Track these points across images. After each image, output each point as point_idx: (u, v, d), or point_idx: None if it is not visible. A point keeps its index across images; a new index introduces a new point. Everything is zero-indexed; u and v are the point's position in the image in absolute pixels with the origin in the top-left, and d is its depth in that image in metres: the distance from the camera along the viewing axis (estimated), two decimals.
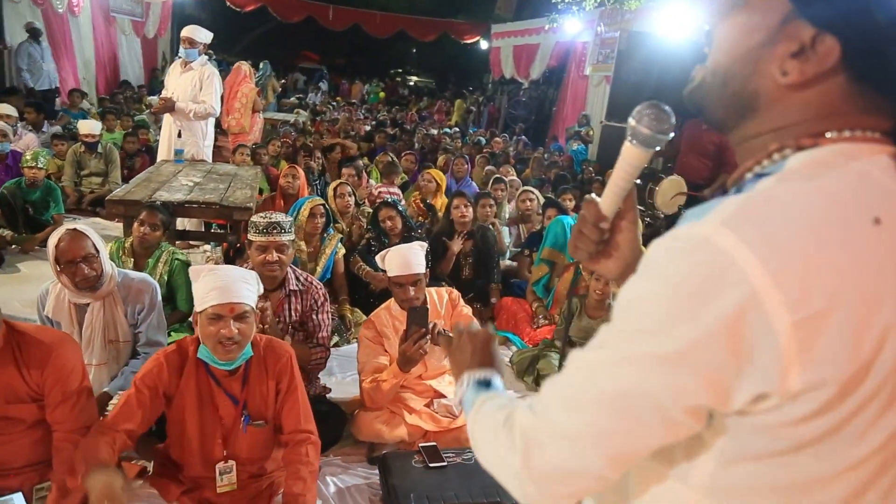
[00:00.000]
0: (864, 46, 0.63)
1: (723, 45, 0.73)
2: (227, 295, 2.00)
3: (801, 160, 0.66)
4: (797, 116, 0.68)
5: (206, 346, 2.06)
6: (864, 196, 0.61)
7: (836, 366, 0.58)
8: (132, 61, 13.98)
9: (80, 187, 6.25)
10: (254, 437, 2.19)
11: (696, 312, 0.59)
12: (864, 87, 0.65)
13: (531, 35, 14.15)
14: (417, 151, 8.92)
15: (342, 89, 21.92)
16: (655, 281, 0.63)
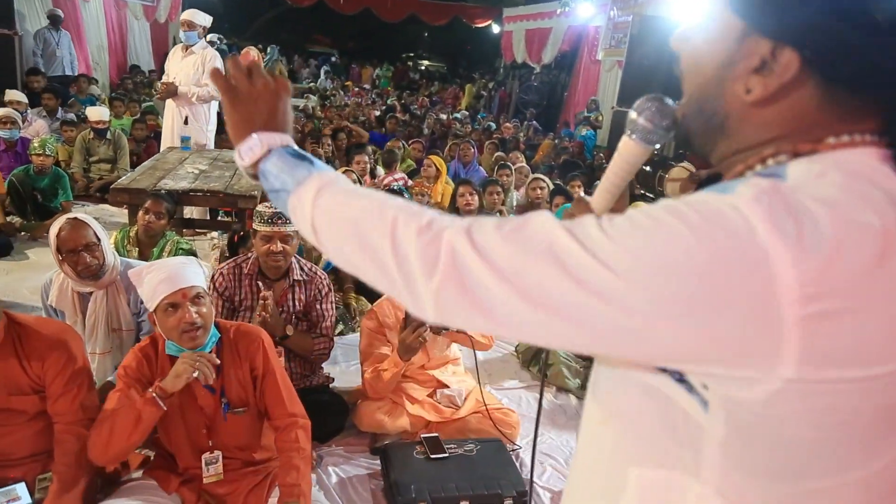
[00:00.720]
0: (822, 52, 0.61)
1: (689, 72, 0.72)
2: (176, 282, 1.98)
3: (803, 168, 0.62)
4: (776, 131, 0.66)
5: (171, 342, 2.03)
6: (877, 203, 0.58)
7: (839, 368, 0.56)
8: (143, 46, 13.99)
9: (88, 174, 6.27)
10: (237, 424, 2.17)
11: (703, 268, 0.55)
12: (835, 91, 0.63)
13: (543, 19, 14.00)
14: (426, 138, 8.88)
15: (352, 73, 21.83)
16: (673, 218, 0.57)
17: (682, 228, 0.56)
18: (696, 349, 0.58)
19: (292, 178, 0.79)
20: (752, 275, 0.54)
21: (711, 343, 0.57)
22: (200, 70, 5.36)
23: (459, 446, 2.63)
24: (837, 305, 0.54)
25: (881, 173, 0.60)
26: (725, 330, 0.56)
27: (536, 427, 1.29)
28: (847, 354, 0.55)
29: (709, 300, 0.55)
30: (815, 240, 0.54)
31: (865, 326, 0.55)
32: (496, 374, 3.61)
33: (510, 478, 2.51)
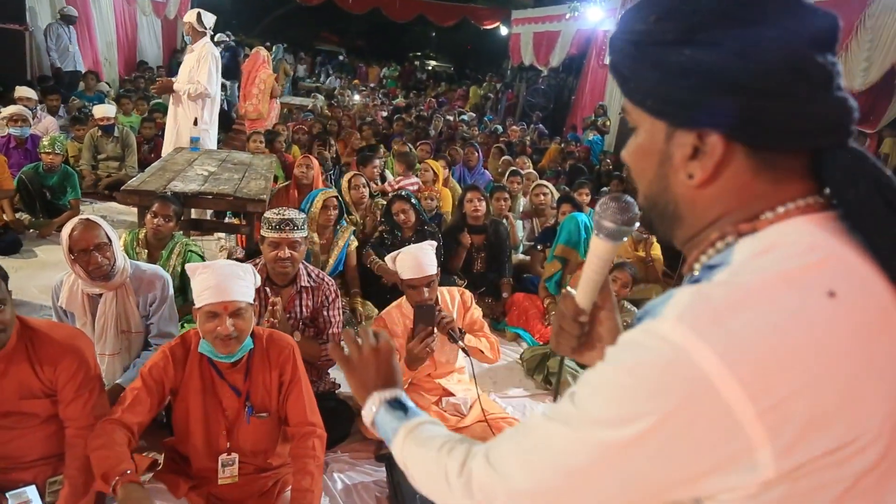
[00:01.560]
0: (738, 127, 0.67)
1: (637, 175, 0.79)
2: (221, 294, 2.05)
3: (747, 249, 0.67)
4: (721, 208, 0.71)
5: (205, 341, 2.11)
6: (814, 272, 0.62)
7: (811, 448, 0.58)
8: (151, 42, 14.03)
9: (96, 171, 6.30)
10: (257, 428, 2.21)
11: (652, 406, 0.60)
12: (763, 156, 0.68)
13: (552, 22, 13.99)
14: (434, 139, 8.89)
15: (360, 73, 21.84)
16: (616, 371, 0.64)
17: (625, 380, 0.63)
18: (686, 477, 0.63)
19: (391, 430, 0.97)
20: (701, 397, 0.58)
21: (696, 469, 0.61)
22: (196, 67, 5.42)
23: None
24: (783, 392, 0.57)
25: (813, 237, 0.65)
26: (699, 453, 0.60)
27: None
28: (812, 432, 0.58)
29: (675, 436, 0.60)
30: (744, 340, 0.58)
31: (816, 401, 0.58)
32: (501, 382, 3.62)
33: None
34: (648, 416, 0.61)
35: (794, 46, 0.64)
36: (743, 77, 0.64)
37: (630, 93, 0.75)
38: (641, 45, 0.71)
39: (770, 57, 0.64)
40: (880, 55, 5.75)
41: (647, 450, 0.62)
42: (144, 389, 2.08)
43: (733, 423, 0.58)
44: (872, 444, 0.60)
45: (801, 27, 0.65)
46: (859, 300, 0.61)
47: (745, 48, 0.64)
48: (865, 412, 0.59)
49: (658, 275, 4.98)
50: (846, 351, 0.59)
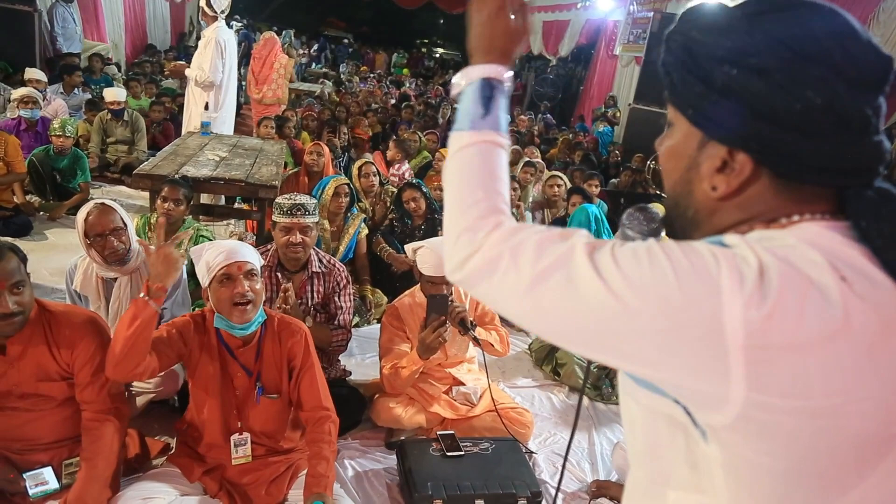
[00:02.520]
0: (769, 154, 0.70)
1: (665, 168, 0.83)
2: (235, 255, 2.09)
3: (762, 233, 0.72)
4: (738, 217, 0.75)
5: (220, 316, 2.11)
6: (829, 261, 0.65)
7: (782, 397, 0.62)
8: (159, 25, 13.97)
9: (105, 154, 6.30)
10: (267, 409, 2.23)
11: (677, 307, 0.64)
12: (787, 182, 0.71)
13: (562, 11, 13.90)
14: (441, 128, 8.85)
15: (367, 59, 21.74)
16: (662, 267, 0.66)
17: (671, 273, 0.65)
18: (662, 357, 0.67)
19: (466, 120, 0.86)
20: (708, 311, 0.63)
21: (676, 355, 0.65)
22: (203, 53, 5.44)
23: (475, 445, 2.65)
24: (776, 343, 0.61)
25: (828, 237, 0.68)
26: (688, 350, 0.64)
27: (572, 436, 1.32)
28: (788, 386, 0.62)
29: (676, 328, 0.64)
30: (766, 290, 0.62)
31: (804, 364, 0.62)
32: (510, 372, 3.64)
33: (524, 478, 2.53)
34: (671, 308, 0.64)
35: (838, 90, 0.65)
36: (781, 109, 0.67)
37: (674, 97, 0.77)
38: (693, 55, 0.73)
39: (811, 96, 0.65)
40: (892, 50, 5.71)
41: (637, 315, 0.65)
42: (165, 337, 2.09)
43: (723, 343, 0.62)
44: (846, 426, 0.64)
45: (851, 68, 0.66)
46: (867, 293, 0.64)
47: (789, 82, 0.66)
48: (854, 392, 0.63)
49: None
50: (850, 331, 0.62)
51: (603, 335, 0.69)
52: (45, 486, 2.04)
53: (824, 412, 0.63)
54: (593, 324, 0.68)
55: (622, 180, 6.90)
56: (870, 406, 0.63)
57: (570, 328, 0.71)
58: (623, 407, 0.85)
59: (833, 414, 0.63)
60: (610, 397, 3.45)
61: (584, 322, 0.69)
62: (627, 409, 0.83)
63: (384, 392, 2.86)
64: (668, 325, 0.64)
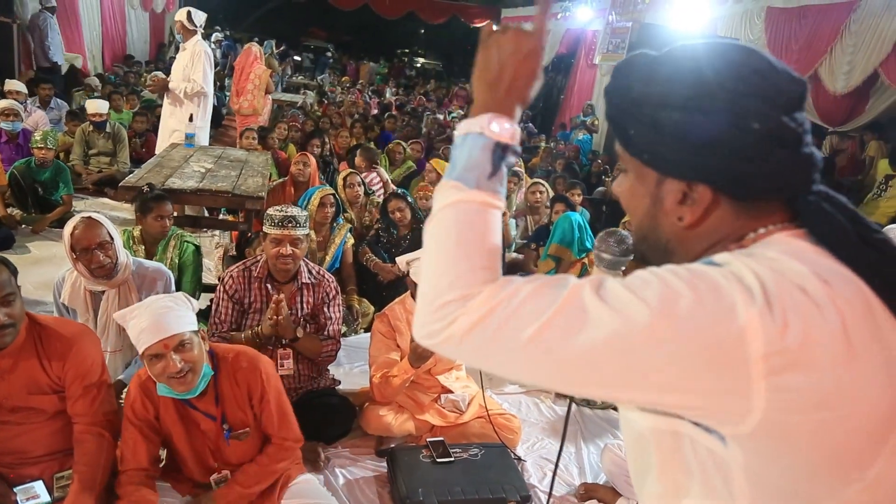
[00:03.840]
0: (724, 180, 0.76)
1: (628, 207, 0.87)
2: (158, 332, 1.93)
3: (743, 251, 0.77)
4: (709, 242, 0.80)
5: (161, 384, 2.03)
6: (806, 267, 0.71)
7: (803, 397, 0.66)
8: (139, 36, 13.92)
9: (87, 166, 6.27)
10: (239, 445, 2.21)
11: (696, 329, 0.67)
12: (745, 202, 0.78)
13: None
14: (424, 138, 8.91)
15: (349, 69, 21.78)
16: (677, 274, 0.70)
17: (689, 294, 0.68)
18: (687, 381, 0.68)
19: (465, 174, 0.80)
20: (729, 327, 0.66)
21: (700, 377, 0.67)
22: (190, 66, 5.44)
23: (464, 451, 2.69)
24: (791, 347, 0.65)
25: (797, 245, 0.74)
26: (713, 369, 0.67)
27: (563, 441, 1.35)
28: (806, 386, 0.66)
29: (702, 349, 0.66)
30: (772, 301, 0.66)
31: (817, 363, 0.66)
32: (497, 379, 3.66)
33: (514, 482, 2.57)
34: (691, 331, 0.66)
35: (771, 115, 0.73)
36: (729, 143, 0.73)
37: (626, 144, 0.82)
38: (638, 104, 0.78)
39: (752, 125, 0.73)
40: (863, 59, 5.87)
41: (664, 340, 0.66)
42: (138, 433, 2.08)
43: (746, 365, 0.65)
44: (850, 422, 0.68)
45: (778, 95, 0.74)
46: (846, 292, 0.70)
47: (731, 118, 0.73)
48: (861, 379, 0.68)
49: None
50: (846, 326, 0.67)
51: (623, 371, 0.68)
52: (37, 500, 2.04)
53: (839, 403, 0.67)
54: (613, 360, 0.67)
55: (608, 188, 6.99)
56: (875, 387, 0.68)
57: (586, 370, 0.69)
58: (625, 430, 0.88)
59: (846, 403, 0.67)
60: (596, 403, 3.50)
61: (601, 360, 0.68)
62: (630, 431, 0.86)
63: (374, 400, 2.89)
64: (695, 347, 0.66)
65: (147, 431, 2.10)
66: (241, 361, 2.19)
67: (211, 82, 5.57)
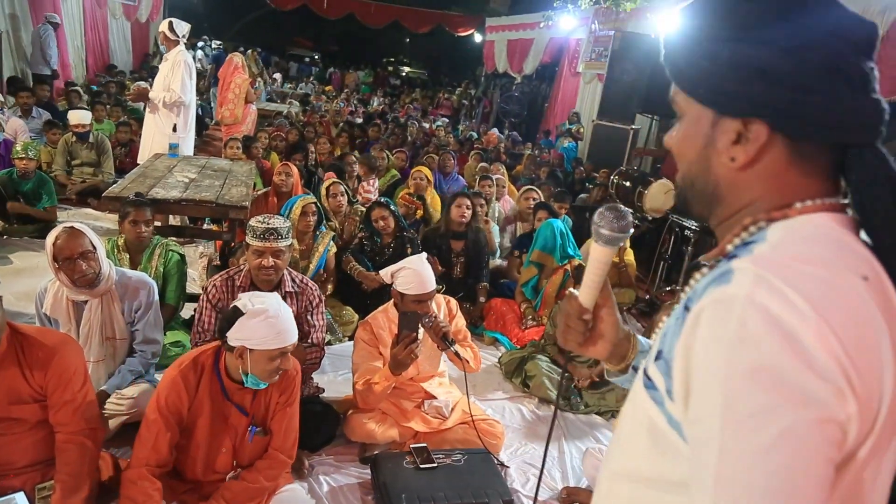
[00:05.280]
0: (781, 115, 0.74)
1: (679, 153, 0.87)
2: (285, 339, 2.13)
3: (780, 232, 0.75)
4: (758, 191, 0.79)
5: (253, 376, 2.14)
6: (849, 259, 0.70)
7: (871, 390, 0.65)
8: (122, 46, 13.87)
9: (71, 177, 6.24)
10: (256, 444, 2.30)
11: (772, 373, 0.63)
12: (799, 147, 0.76)
13: (525, 30, 14.17)
14: (410, 146, 8.94)
15: (333, 78, 21.82)
16: (725, 358, 0.65)
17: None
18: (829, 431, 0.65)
19: None
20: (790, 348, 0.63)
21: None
22: (170, 75, 5.45)
23: (447, 456, 2.71)
24: (853, 352, 0.63)
25: (839, 234, 0.73)
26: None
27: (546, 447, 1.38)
28: (875, 379, 0.65)
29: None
30: (813, 300, 0.64)
31: (877, 359, 0.65)
32: (480, 386, 3.70)
33: (497, 487, 2.60)
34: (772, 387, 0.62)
35: (836, 48, 0.72)
36: (788, 73, 0.72)
37: (682, 82, 0.82)
38: (698, 40, 0.79)
39: (813, 57, 0.72)
40: None
41: (802, 411, 0.62)
42: (164, 424, 2.12)
43: (817, 367, 0.62)
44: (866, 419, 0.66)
45: (844, 32, 0.73)
46: (881, 287, 0.69)
47: (791, 47, 0.72)
48: (877, 386, 0.66)
49: (631, 280, 5.11)
50: (877, 326, 0.66)
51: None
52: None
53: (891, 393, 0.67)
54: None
55: (592, 195, 7.05)
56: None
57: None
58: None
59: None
60: (579, 407, 3.54)
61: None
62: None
63: (357, 408, 2.90)
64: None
65: (172, 423, 2.14)
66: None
67: (191, 92, 5.57)
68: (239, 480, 2.25)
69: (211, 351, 2.24)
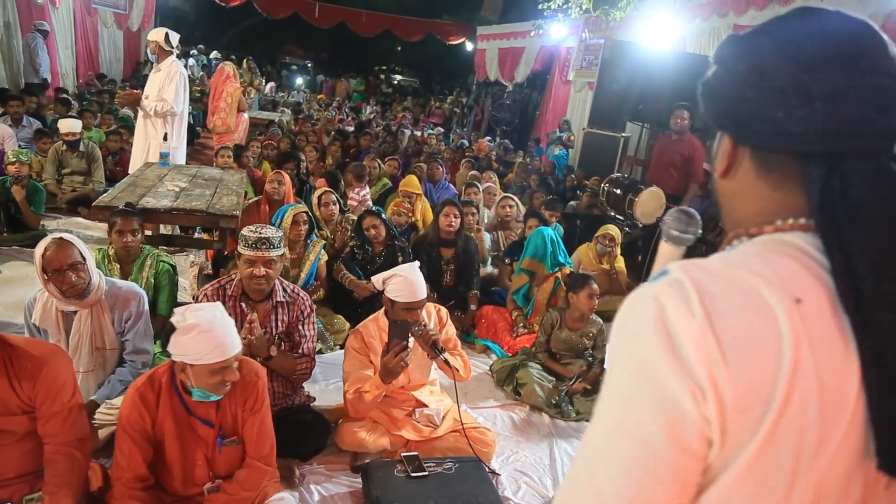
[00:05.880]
0: (725, 124, 0.81)
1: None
2: (226, 350, 2.10)
3: (747, 245, 0.77)
4: (740, 204, 0.82)
5: (199, 389, 2.13)
6: (788, 279, 0.68)
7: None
8: (113, 55, 13.85)
9: (61, 186, 6.22)
10: (230, 454, 2.29)
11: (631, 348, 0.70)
12: (762, 155, 0.78)
13: (516, 38, 14.26)
14: (402, 154, 8.96)
15: (325, 87, 21.86)
16: (619, 346, 0.73)
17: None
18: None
19: None
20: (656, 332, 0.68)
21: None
22: (165, 86, 5.45)
23: (438, 465, 2.71)
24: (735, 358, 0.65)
25: (800, 254, 0.71)
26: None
27: None
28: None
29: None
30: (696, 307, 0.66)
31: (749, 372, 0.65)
32: (472, 394, 3.71)
33: (487, 495, 2.60)
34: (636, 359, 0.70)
35: (771, 64, 0.74)
36: (724, 86, 0.79)
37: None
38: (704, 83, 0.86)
39: (742, 69, 0.77)
40: None
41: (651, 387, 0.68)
42: (132, 442, 2.13)
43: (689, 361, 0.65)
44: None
45: (790, 49, 0.74)
46: (816, 313, 0.66)
47: (731, 65, 0.79)
48: (759, 402, 0.65)
49: (622, 287, 5.13)
50: (775, 345, 0.65)
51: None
52: None
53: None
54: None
55: (581, 202, 7.09)
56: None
57: None
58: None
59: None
60: (570, 415, 3.55)
61: None
62: None
63: (348, 416, 2.91)
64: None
65: (141, 441, 2.14)
66: (244, 369, 2.27)
67: (183, 102, 5.56)
68: (220, 493, 2.25)
69: (166, 367, 2.22)
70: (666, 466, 0.67)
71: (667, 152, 6.27)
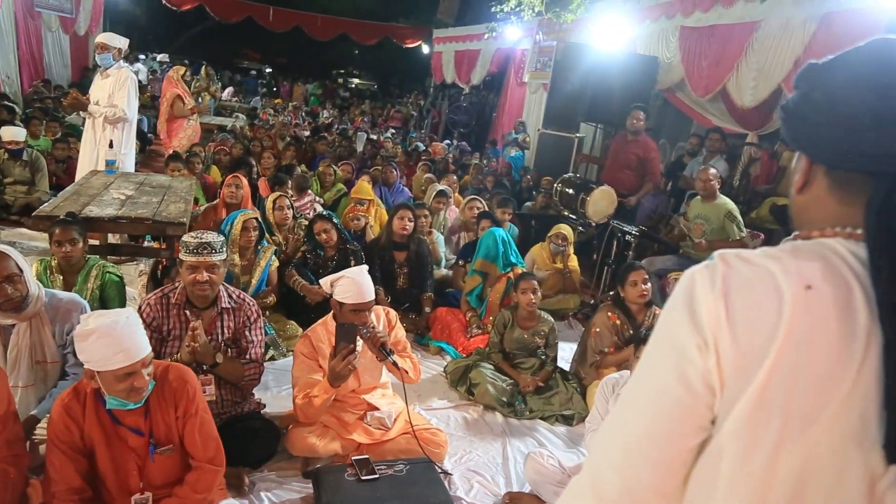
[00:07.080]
0: (804, 146, 0.89)
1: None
2: (132, 354, 2.04)
3: (791, 243, 0.87)
4: (808, 215, 0.90)
5: (113, 397, 2.07)
6: (806, 270, 0.78)
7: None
8: (59, 60, 13.47)
9: (3, 196, 6.04)
10: (164, 462, 2.24)
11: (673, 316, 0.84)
12: (836, 174, 0.86)
13: (472, 41, 14.33)
14: (358, 159, 8.93)
15: (282, 91, 21.64)
16: (664, 310, 0.88)
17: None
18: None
19: None
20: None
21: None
22: (115, 91, 5.33)
23: (389, 467, 2.72)
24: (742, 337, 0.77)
25: (833, 254, 0.80)
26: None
27: None
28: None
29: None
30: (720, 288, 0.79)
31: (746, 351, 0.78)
32: (425, 395, 3.72)
33: (439, 496, 2.62)
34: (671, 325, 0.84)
35: (845, 92, 0.82)
36: (801, 111, 0.88)
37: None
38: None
39: (818, 97, 0.85)
40: (766, 76, 6.22)
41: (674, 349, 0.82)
42: (63, 455, 2.09)
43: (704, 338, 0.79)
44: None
45: (861, 80, 0.81)
46: (822, 298, 0.76)
47: (806, 93, 0.88)
48: (751, 362, 0.77)
49: (575, 285, 5.22)
50: (774, 319, 0.76)
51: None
52: None
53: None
54: None
55: (536, 203, 7.17)
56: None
57: None
58: None
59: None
60: (523, 413, 3.59)
61: None
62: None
63: (298, 422, 2.89)
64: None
65: (72, 453, 2.10)
66: (170, 375, 2.24)
67: (135, 109, 5.46)
68: (171, 498, 2.21)
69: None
70: (673, 401, 0.81)
71: (622, 152, 6.39)
